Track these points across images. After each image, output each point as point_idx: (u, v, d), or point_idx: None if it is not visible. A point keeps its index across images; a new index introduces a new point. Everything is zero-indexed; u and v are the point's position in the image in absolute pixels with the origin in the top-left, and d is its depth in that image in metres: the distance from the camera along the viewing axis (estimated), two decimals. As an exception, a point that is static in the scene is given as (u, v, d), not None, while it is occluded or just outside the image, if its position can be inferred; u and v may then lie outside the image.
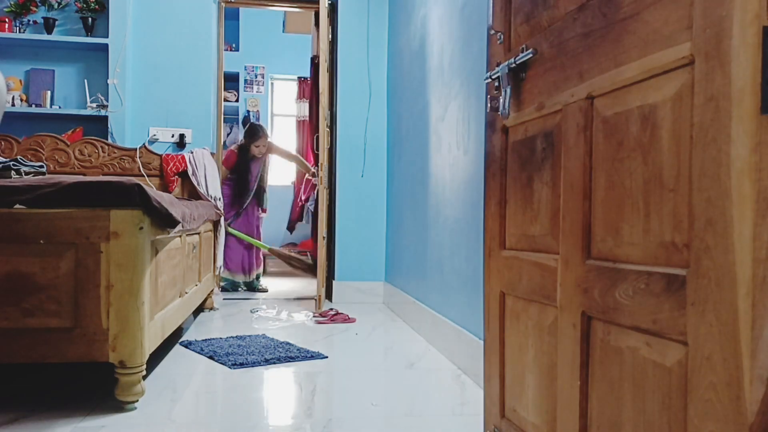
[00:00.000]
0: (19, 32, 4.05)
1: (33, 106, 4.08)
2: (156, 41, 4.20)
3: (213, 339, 2.90)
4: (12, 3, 4.04)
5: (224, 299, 4.40)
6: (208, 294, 3.75)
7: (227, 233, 4.59)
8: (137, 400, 1.90)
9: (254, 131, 4.78)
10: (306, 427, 1.77)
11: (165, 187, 3.93)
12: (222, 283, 4.74)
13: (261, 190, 4.92)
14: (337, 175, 4.37)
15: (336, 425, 1.80)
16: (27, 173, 2.36)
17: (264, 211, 5.09)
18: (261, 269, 5.04)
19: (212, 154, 4.11)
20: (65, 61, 4.20)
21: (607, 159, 1.02)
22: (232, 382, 2.25)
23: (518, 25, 1.39)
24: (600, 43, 1.04)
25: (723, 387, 0.75)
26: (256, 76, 7.00)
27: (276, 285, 5.24)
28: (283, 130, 7.43)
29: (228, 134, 7.07)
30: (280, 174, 7.17)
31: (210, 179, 3.90)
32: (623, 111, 0.98)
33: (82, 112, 4.07)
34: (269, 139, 4.93)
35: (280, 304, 4.20)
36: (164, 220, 2.00)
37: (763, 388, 0.71)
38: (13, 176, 2.26)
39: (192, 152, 3.96)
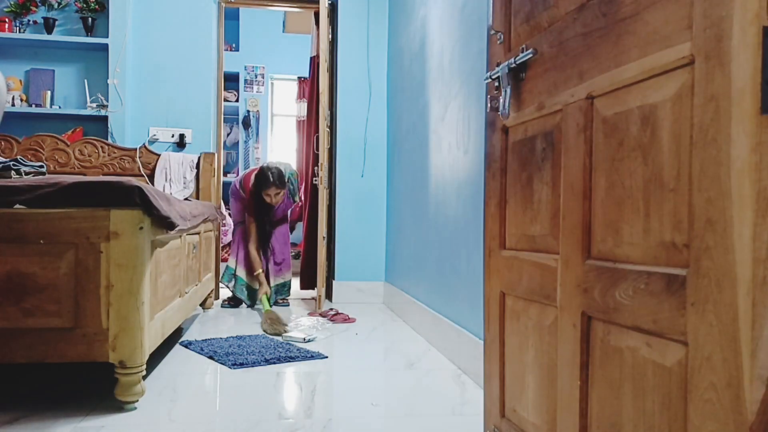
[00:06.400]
0: (19, 32, 4.05)
1: (33, 106, 4.08)
2: (156, 41, 4.20)
3: (213, 339, 2.90)
4: (12, 3, 4.04)
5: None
6: (208, 294, 3.75)
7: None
8: (137, 400, 1.90)
9: (263, 179, 3.87)
10: (306, 427, 1.77)
11: (165, 187, 3.93)
12: (230, 286, 4.04)
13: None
14: (337, 175, 4.37)
15: (336, 425, 1.80)
16: (27, 173, 2.36)
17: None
18: (287, 276, 4.20)
19: (212, 154, 4.10)
20: (65, 61, 4.20)
21: (607, 159, 1.02)
22: (232, 382, 2.25)
23: (518, 25, 1.39)
24: (600, 43, 1.04)
25: (723, 387, 0.75)
26: (256, 76, 7.00)
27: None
28: (283, 130, 7.43)
29: (228, 134, 7.07)
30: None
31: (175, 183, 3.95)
32: (623, 111, 0.98)
33: (82, 112, 4.07)
34: (290, 187, 4.07)
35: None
36: (164, 222, 2.00)
37: (763, 388, 0.70)
38: (13, 176, 2.26)
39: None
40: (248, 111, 6.99)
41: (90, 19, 4.11)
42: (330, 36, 4.35)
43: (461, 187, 2.56)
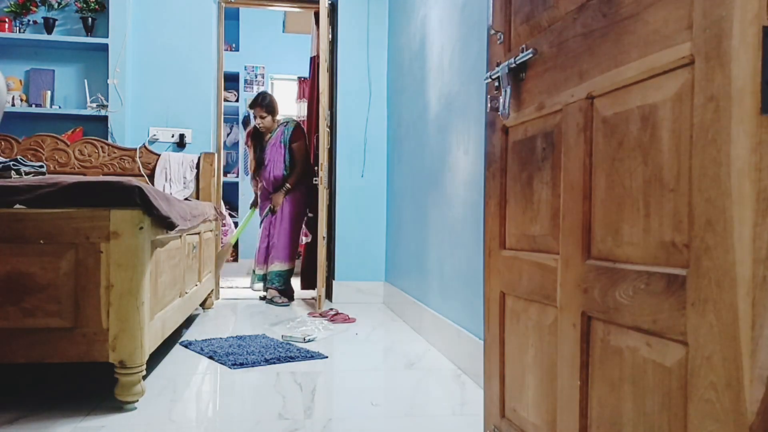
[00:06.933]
0: (19, 32, 4.05)
1: (33, 106, 4.08)
2: (156, 41, 4.20)
3: (213, 339, 2.90)
4: (12, 3, 4.04)
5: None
6: (209, 294, 3.75)
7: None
8: (137, 400, 1.90)
9: (254, 97, 4.31)
10: (306, 427, 1.77)
11: (165, 187, 3.93)
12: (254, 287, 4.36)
13: (288, 182, 4.24)
14: (337, 175, 4.37)
15: (336, 425, 1.80)
16: (27, 173, 2.36)
17: (308, 213, 4.39)
18: (286, 264, 4.25)
19: (212, 154, 4.11)
20: (65, 61, 4.20)
21: (607, 159, 1.02)
22: (232, 382, 2.25)
23: (518, 25, 1.39)
24: (600, 43, 1.04)
25: (723, 387, 0.75)
26: (256, 76, 7.00)
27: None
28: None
29: (228, 134, 7.07)
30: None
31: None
32: (623, 111, 0.98)
33: (82, 112, 4.07)
34: (283, 118, 4.38)
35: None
36: (164, 222, 2.00)
37: (763, 388, 0.70)
38: (13, 176, 2.26)
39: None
40: (248, 111, 6.99)
41: (90, 19, 4.11)
42: (330, 36, 4.35)
43: (461, 187, 2.56)
